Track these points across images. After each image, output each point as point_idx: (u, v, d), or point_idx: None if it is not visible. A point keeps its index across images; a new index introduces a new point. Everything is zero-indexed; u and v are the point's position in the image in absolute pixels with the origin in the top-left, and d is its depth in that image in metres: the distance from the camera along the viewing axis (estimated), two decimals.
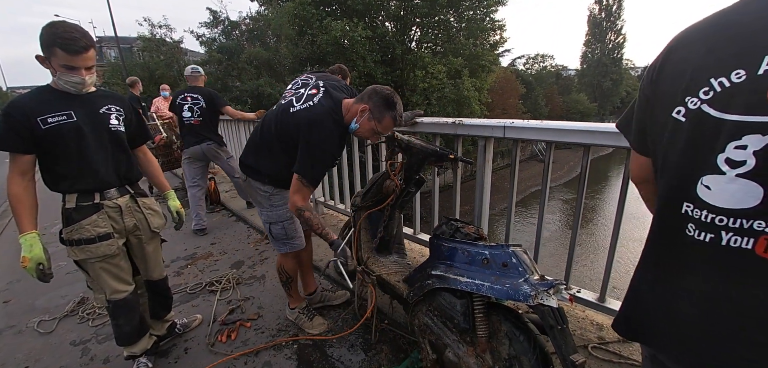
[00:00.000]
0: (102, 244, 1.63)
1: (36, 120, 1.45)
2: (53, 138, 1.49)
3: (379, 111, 1.57)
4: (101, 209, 1.63)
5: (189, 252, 3.38)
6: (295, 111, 1.65)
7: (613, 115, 40.31)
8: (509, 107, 23.23)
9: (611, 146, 1.58)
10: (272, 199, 1.83)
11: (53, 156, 1.53)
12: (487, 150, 2.01)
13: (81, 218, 1.58)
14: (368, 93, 1.60)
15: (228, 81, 15.41)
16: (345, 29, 13.96)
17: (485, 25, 17.71)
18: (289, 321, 2.24)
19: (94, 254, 1.62)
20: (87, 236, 1.59)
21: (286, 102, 1.72)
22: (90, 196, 1.61)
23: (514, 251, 1.29)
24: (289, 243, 1.95)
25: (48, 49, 1.42)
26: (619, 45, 40.02)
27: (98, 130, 1.60)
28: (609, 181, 22.99)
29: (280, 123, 1.69)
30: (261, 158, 1.78)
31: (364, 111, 1.58)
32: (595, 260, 13.19)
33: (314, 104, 1.64)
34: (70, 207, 1.58)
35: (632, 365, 1.61)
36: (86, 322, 2.39)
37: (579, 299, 1.86)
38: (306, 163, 1.61)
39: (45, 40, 1.41)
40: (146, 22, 17.52)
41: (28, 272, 1.48)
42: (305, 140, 1.59)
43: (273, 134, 1.72)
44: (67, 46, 1.41)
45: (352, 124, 1.63)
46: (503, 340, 1.34)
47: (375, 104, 1.57)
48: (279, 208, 1.85)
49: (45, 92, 1.52)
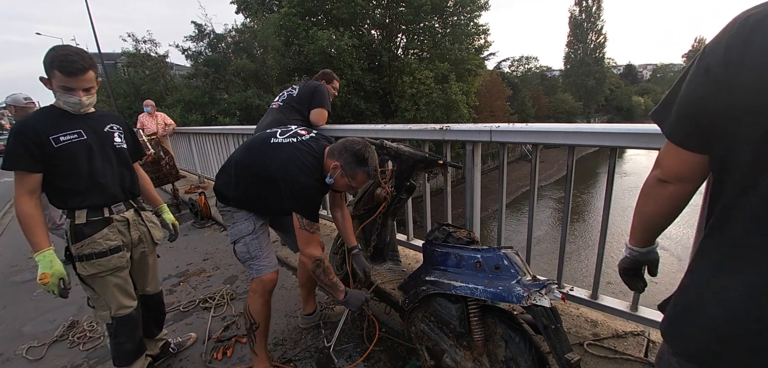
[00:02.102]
0: (113, 257, 1.67)
1: (48, 138, 1.51)
2: (66, 155, 1.55)
3: (351, 168, 1.56)
4: (111, 223, 1.69)
5: (181, 269, 3.34)
6: (277, 143, 1.63)
7: (599, 113, 41.16)
8: (497, 109, 23.52)
9: (595, 146, 1.63)
10: (235, 216, 1.75)
11: (62, 173, 1.56)
12: (475, 154, 2.04)
13: (93, 232, 1.63)
14: (339, 149, 1.58)
15: (216, 94, 15.29)
16: (331, 38, 14.03)
17: (470, 29, 17.99)
18: (286, 335, 2.21)
19: (105, 267, 1.65)
20: (99, 249, 1.63)
21: (268, 133, 1.71)
22: (99, 211, 1.66)
23: (506, 253, 1.31)
24: (255, 265, 1.75)
25: (49, 70, 1.49)
26: (600, 45, 41.01)
27: (105, 147, 1.68)
28: (598, 177, 23.37)
29: (258, 151, 1.65)
30: (226, 183, 1.74)
31: (336, 168, 1.56)
32: (590, 256, 13.36)
33: (299, 141, 1.64)
34: (81, 223, 1.61)
35: (628, 360, 1.63)
36: (77, 347, 2.34)
37: (572, 297, 1.89)
38: (296, 201, 1.56)
39: (47, 63, 1.49)
40: (130, 38, 17.33)
41: (47, 289, 1.51)
42: (285, 176, 1.55)
43: (247, 162, 1.68)
44: (64, 68, 1.48)
45: (328, 178, 1.61)
46: (499, 343, 1.35)
47: (346, 161, 1.55)
48: (240, 223, 1.74)
49: (53, 111, 1.58)
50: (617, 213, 16.75)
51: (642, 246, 0.93)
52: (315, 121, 2.87)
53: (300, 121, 2.87)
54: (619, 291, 9.83)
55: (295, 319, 2.36)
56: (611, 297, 1.87)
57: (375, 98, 16.51)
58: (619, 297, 1.92)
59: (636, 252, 0.95)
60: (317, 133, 1.75)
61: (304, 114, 2.88)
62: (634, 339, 1.72)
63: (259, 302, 1.77)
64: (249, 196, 1.70)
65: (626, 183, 19.74)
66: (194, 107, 14.19)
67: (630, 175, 22.11)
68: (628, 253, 0.96)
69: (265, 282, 1.76)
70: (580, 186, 21.67)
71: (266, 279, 1.76)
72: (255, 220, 1.76)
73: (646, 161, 20.16)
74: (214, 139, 5.53)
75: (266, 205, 1.72)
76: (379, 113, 16.18)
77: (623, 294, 1.63)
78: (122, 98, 17.27)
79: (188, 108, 14.07)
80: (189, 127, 7.17)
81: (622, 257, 0.98)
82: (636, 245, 0.94)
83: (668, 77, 64.00)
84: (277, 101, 2.95)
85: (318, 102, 2.85)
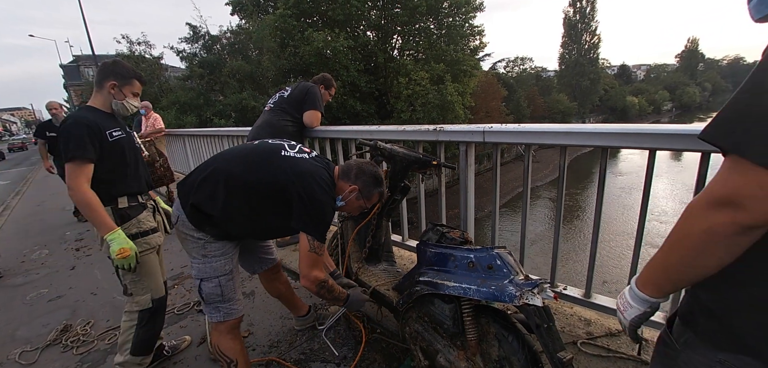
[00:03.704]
0: (155, 235, 1.89)
1: (105, 133, 1.70)
2: (117, 148, 1.75)
3: (368, 190, 1.53)
4: (146, 208, 1.91)
5: (176, 272, 3.32)
6: (289, 156, 1.51)
7: (593, 113, 41.44)
8: (492, 110, 23.62)
9: (586, 146, 1.64)
10: (207, 248, 1.52)
11: (111, 165, 1.73)
12: (468, 155, 2.05)
13: (136, 214, 1.83)
14: (355, 172, 1.53)
15: (211, 95, 15.25)
16: (327, 40, 14.05)
17: (465, 30, 18.09)
18: (281, 336, 2.21)
19: (151, 244, 1.85)
20: (144, 228, 1.84)
21: (275, 144, 1.57)
22: (135, 198, 1.86)
23: (499, 253, 1.32)
24: (225, 308, 1.58)
25: (128, 79, 1.79)
26: (594, 45, 41.40)
27: (133, 145, 1.90)
28: (594, 177, 23.49)
29: (263, 164, 1.49)
30: (209, 197, 1.46)
31: (353, 191, 1.51)
32: (586, 256, 13.46)
33: (310, 158, 1.55)
34: (124, 206, 1.79)
35: (621, 358, 1.65)
36: (70, 351, 2.32)
37: (565, 296, 1.91)
38: (309, 219, 1.43)
39: (127, 71, 1.80)
40: (124, 40, 17.23)
41: (127, 262, 1.66)
42: (304, 192, 1.41)
43: (248, 175, 1.47)
44: (141, 79, 1.86)
45: (338, 200, 1.54)
46: (493, 342, 1.36)
47: (364, 183, 1.52)
48: (215, 260, 1.53)
49: (97, 111, 1.77)
50: (615, 212, 16.91)
51: (663, 297, 0.75)
52: (308, 123, 2.84)
53: (291, 123, 2.84)
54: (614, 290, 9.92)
55: (290, 321, 2.36)
56: (604, 296, 1.89)
57: (371, 99, 16.53)
58: (613, 295, 1.93)
59: (656, 304, 0.75)
60: (316, 154, 1.64)
61: (296, 116, 2.85)
62: (628, 337, 1.73)
63: (229, 339, 1.63)
64: (242, 215, 1.50)
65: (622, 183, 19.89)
66: (189, 108, 14.14)
67: (626, 174, 22.30)
68: (648, 307, 0.75)
69: (233, 321, 1.63)
70: (576, 186, 21.81)
71: (236, 319, 1.64)
72: (232, 255, 1.59)
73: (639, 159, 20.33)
74: (210, 141, 5.51)
75: (267, 227, 1.60)
76: (375, 114, 16.20)
77: (616, 292, 1.65)
78: None
79: (183, 110, 14.02)
80: (184, 129, 7.13)
81: (638, 314, 0.77)
82: (656, 296, 0.74)
83: (662, 77, 64.67)
84: (269, 103, 2.94)
85: (311, 103, 2.83)
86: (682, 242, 0.64)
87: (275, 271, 2.07)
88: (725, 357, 0.64)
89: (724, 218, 0.56)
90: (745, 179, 0.53)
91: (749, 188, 0.53)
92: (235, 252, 1.62)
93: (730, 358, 0.64)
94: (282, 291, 2.14)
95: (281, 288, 2.13)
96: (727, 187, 0.56)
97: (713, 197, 0.58)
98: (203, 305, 1.61)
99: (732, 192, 0.55)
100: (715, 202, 0.58)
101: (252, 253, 1.94)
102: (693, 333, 0.71)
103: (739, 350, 0.63)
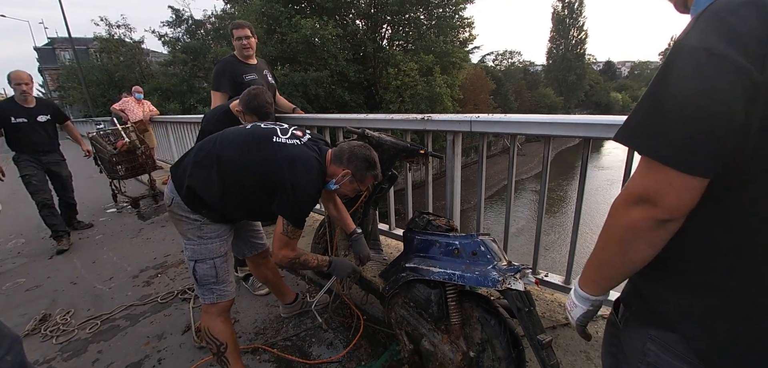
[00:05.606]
0: None
1: None
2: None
3: (361, 173, 1.52)
4: None
5: (158, 261, 3.27)
6: (281, 143, 1.50)
7: (579, 108, 42.19)
8: (480, 103, 23.80)
9: (571, 137, 1.68)
10: (203, 230, 1.55)
11: None
12: (455, 144, 2.07)
13: None
14: (347, 155, 1.51)
15: (194, 82, 14.90)
16: (315, 27, 13.83)
17: (454, 22, 18.07)
18: (267, 323, 2.21)
19: None
20: None
21: (266, 129, 1.56)
22: None
23: (483, 240, 1.35)
24: (218, 290, 1.60)
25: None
26: (581, 41, 41.98)
27: None
28: (576, 171, 24.00)
29: (253, 150, 1.50)
30: (204, 181, 1.49)
31: (346, 175, 1.51)
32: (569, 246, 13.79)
33: (302, 143, 1.53)
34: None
35: (598, 341, 1.71)
36: (49, 340, 2.27)
37: (546, 282, 1.97)
38: (289, 206, 1.46)
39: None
40: (103, 22, 16.64)
41: None
42: (290, 180, 1.43)
43: (244, 160, 1.49)
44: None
45: (331, 184, 1.54)
46: (476, 325, 1.40)
47: (357, 167, 1.51)
48: (210, 241, 1.56)
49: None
50: (600, 204, 17.32)
51: (602, 294, 0.78)
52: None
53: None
54: None
55: (276, 308, 2.36)
56: None
57: (360, 89, 16.43)
58: None
59: (598, 302, 0.79)
60: (312, 134, 1.63)
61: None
62: (605, 321, 1.80)
63: (220, 322, 1.64)
64: (236, 199, 1.53)
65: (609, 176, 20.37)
66: (172, 95, 13.80)
67: (611, 168, 22.82)
68: (590, 305, 0.80)
69: (225, 303, 1.65)
70: (560, 179, 22.25)
71: (228, 302, 1.66)
72: (227, 237, 1.62)
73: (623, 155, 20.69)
74: (193, 128, 5.39)
75: (260, 210, 1.63)
76: (363, 104, 16.13)
77: None
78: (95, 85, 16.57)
79: (165, 96, 13.68)
80: (166, 116, 6.95)
81: (582, 312, 0.81)
82: (596, 293, 0.78)
83: (645, 74, 66.09)
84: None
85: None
86: (609, 240, 0.69)
87: (263, 256, 2.09)
88: (656, 334, 0.69)
89: (642, 214, 0.61)
90: (655, 177, 0.58)
91: (659, 185, 0.58)
92: (229, 235, 1.65)
93: (659, 335, 0.69)
94: (269, 277, 2.17)
95: (268, 273, 2.16)
96: (641, 185, 0.61)
97: (630, 194, 0.63)
98: (196, 287, 1.62)
99: (646, 189, 0.60)
100: (633, 199, 0.62)
101: (242, 237, 1.96)
102: (630, 313, 0.76)
103: (665, 327, 0.68)
